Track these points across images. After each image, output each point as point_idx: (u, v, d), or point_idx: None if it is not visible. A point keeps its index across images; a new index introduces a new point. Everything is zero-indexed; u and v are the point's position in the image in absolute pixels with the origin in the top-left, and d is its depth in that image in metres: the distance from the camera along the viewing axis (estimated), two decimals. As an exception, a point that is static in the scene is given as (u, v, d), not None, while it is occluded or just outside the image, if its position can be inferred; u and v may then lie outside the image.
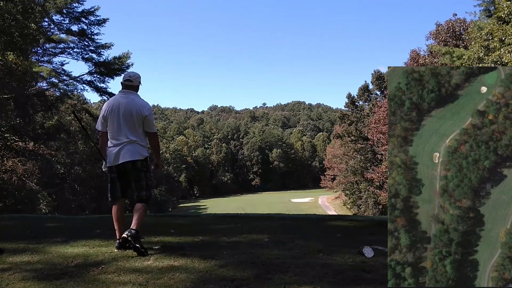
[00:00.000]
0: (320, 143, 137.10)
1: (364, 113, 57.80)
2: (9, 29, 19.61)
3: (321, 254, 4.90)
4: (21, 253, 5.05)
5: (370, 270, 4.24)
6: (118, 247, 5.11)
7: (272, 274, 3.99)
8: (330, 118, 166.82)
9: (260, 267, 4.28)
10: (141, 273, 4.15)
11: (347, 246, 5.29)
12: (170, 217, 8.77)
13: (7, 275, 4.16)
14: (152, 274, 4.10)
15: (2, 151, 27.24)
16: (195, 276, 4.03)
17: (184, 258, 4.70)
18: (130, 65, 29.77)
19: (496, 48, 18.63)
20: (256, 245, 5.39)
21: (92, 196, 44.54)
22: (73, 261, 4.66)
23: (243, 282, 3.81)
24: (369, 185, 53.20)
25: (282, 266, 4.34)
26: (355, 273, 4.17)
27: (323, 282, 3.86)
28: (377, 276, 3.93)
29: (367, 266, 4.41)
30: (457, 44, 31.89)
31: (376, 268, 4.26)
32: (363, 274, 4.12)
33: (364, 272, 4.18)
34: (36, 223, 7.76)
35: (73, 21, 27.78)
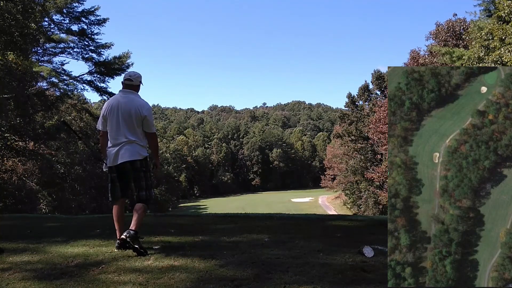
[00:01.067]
0: (320, 143, 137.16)
1: (364, 112, 57.81)
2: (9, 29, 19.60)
3: (321, 254, 4.90)
4: (21, 252, 5.05)
5: (370, 270, 4.24)
6: (118, 247, 5.11)
7: (272, 274, 3.99)
8: (330, 117, 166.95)
9: (260, 266, 4.28)
10: (141, 272, 4.16)
11: (347, 246, 5.29)
12: (170, 216, 8.77)
13: (7, 275, 4.16)
14: (152, 274, 4.10)
15: (2, 151, 27.22)
16: (195, 276, 4.03)
17: (184, 258, 4.70)
18: (130, 65, 29.80)
19: (496, 47, 18.64)
20: (256, 245, 5.39)
21: (92, 195, 44.54)
22: (73, 260, 4.66)
23: (243, 282, 3.81)
24: (369, 184, 53.22)
25: (282, 265, 4.34)
26: (355, 272, 4.17)
27: (323, 281, 3.86)
28: (377, 276, 3.93)
29: (367, 265, 4.41)
30: (457, 44, 31.89)
31: (376, 267, 4.26)
32: (363, 274, 4.12)
33: (364, 272, 4.18)
34: (36, 222, 7.77)
35: (73, 20, 27.79)
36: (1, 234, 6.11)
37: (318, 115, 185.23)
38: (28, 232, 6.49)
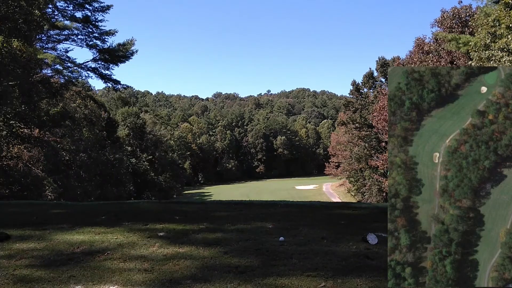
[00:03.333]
0: (324, 130, 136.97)
1: (369, 100, 57.56)
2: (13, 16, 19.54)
3: (325, 241, 4.92)
4: (27, 239, 5.09)
5: (373, 257, 4.26)
6: None
7: (276, 261, 4.02)
8: (334, 105, 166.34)
9: (265, 253, 4.30)
10: (146, 259, 4.19)
11: (351, 233, 5.31)
12: (175, 204, 8.81)
13: (14, 261, 4.20)
14: (157, 260, 4.13)
15: (8, 138, 27.32)
16: (199, 262, 4.05)
17: (189, 244, 4.73)
18: (134, 52, 29.72)
19: (503, 34, 18.41)
20: (261, 232, 5.42)
21: (97, 183, 44.79)
22: (78, 247, 4.70)
23: (248, 268, 3.84)
24: (373, 172, 53.20)
25: (286, 252, 4.36)
26: (359, 259, 4.19)
27: (327, 268, 3.88)
28: (380, 263, 3.95)
29: (371, 252, 4.42)
30: (462, 31, 31.54)
31: (379, 254, 4.27)
32: (366, 261, 4.14)
33: (367, 259, 4.20)
34: (42, 209, 7.82)
35: (77, 7, 27.64)
36: (7, 221, 6.16)
37: (323, 102, 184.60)
38: (34, 218, 6.54)
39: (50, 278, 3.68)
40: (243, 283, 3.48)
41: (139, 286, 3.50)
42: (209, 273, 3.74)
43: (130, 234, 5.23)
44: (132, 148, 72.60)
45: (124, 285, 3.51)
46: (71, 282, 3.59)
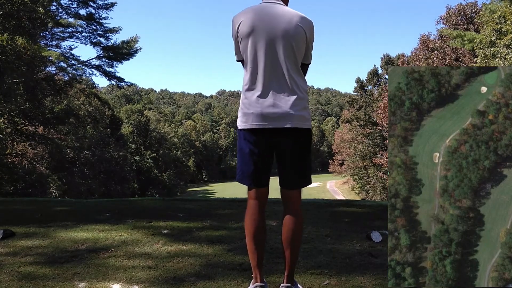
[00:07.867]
0: (328, 128, 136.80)
1: (373, 97, 57.41)
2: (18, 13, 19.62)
3: (329, 239, 4.91)
4: (32, 236, 5.11)
5: (378, 255, 4.25)
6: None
7: (280, 259, 4.01)
8: (338, 102, 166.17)
9: (268, 251, 4.30)
10: (150, 256, 4.19)
11: (355, 231, 5.30)
12: (179, 201, 8.81)
13: (19, 258, 4.21)
14: (161, 258, 4.13)
15: (13, 135, 27.47)
16: (203, 260, 4.06)
17: (192, 242, 4.73)
18: (138, 49, 29.81)
19: (508, 31, 18.33)
20: (264, 230, 5.41)
21: (101, 180, 44.97)
22: (82, 244, 4.71)
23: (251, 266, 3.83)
24: (378, 170, 53.12)
25: (290, 250, 4.35)
26: (363, 257, 4.18)
27: (330, 266, 3.88)
28: (384, 261, 3.94)
29: (375, 250, 4.42)
30: (467, 28, 31.39)
31: (384, 252, 4.26)
32: (371, 259, 4.13)
33: (372, 257, 4.19)
34: (46, 206, 7.84)
35: (81, 5, 27.72)
36: (12, 218, 6.19)
37: (327, 99, 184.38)
38: (39, 215, 6.56)
39: (54, 275, 3.69)
40: (247, 280, 3.48)
41: (143, 283, 3.50)
42: (212, 271, 3.74)
43: (134, 232, 5.24)
44: (136, 145, 72.81)
45: (128, 282, 3.51)
46: (76, 279, 3.60)
